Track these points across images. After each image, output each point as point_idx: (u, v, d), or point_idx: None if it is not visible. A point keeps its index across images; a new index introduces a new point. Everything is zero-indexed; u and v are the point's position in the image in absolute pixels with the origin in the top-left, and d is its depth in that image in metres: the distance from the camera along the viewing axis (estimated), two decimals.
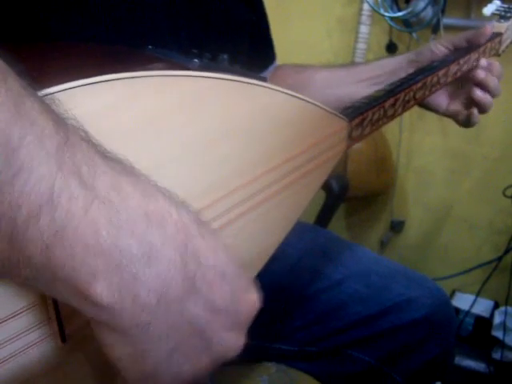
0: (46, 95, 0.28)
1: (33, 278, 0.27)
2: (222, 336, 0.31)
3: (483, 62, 0.77)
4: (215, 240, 0.31)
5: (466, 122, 0.78)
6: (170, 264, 0.28)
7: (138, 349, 0.30)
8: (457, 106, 0.79)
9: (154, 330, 0.29)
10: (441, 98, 0.79)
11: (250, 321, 0.33)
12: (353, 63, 1.40)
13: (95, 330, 0.30)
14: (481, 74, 0.75)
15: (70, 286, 0.27)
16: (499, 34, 0.83)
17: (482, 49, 0.78)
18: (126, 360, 0.30)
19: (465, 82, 0.79)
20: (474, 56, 0.76)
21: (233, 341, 0.32)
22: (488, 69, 0.76)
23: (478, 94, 0.75)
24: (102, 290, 0.26)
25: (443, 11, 1.39)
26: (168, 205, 0.29)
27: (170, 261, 0.28)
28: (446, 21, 1.40)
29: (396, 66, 0.78)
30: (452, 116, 0.80)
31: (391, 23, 1.46)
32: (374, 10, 1.43)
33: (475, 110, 0.76)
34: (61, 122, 0.26)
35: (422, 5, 1.36)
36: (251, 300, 0.33)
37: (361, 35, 1.48)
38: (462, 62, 0.74)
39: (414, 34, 1.47)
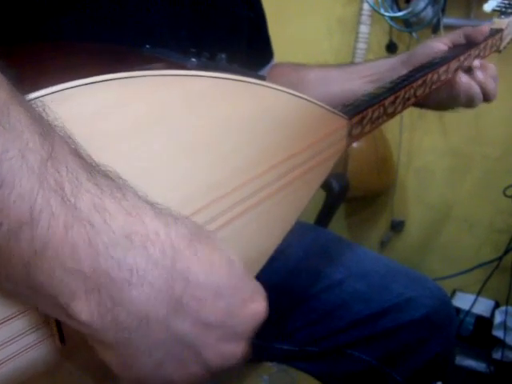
0: (36, 98, 0.28)
1: (15, 292, 0.27)
2: (215, 348, 0.31)
3: (476, 63, 0.76)
4: (212, 255, 0.30)
5: (468, 103, 0.76)
6: (153, 288, 0.27)
7: (125, 359, 0.30)
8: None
9: (138, 346, 0.29)
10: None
11: (252, 330, 0.33)
12: (348, 63, 1.40)
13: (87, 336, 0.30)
14: (480, 75, 0.75)
15: (50, 302, 0.27)
16: (500, 30, 0.83)
17: (482, 45, 0.77)
18: (116, 366, 0.31)
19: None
20: (474, 52, 0.76)
21: (231, 350, 0.32)
22: (482, 69, 0.76)
23: (462, 80, 0.73)
24: (82, 310, 0.26)
25: (443, 11, 1.39)
26: (155, 224, 0.28)
27: (152, 285, 0.27)
28: (446, 20, 1.40)
29: (390, 67, 0.77)
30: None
31: (391, 23, 1.45)
32: (375, 10, 1.43)
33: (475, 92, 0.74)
34: (47, 134, 0.26)
35: (422, 5, 1.36)
36: (254, 310, 0.32)
37: (361, 35, 1.48)
38: (462, 58, 0.74)
39: (415, 34, 1.47)
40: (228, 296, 0.31)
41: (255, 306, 0.32)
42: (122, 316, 0.27)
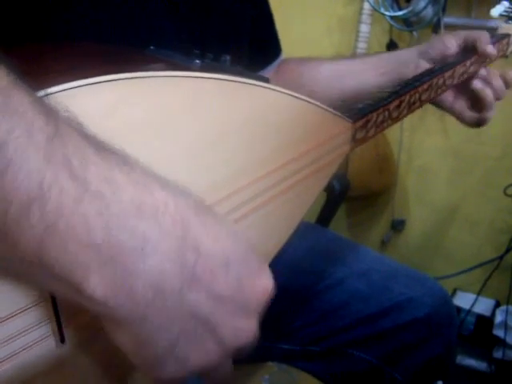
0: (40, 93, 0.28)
1: (27, 273, 0.27)
2: (229, 323, 0.31)
3: (483, 71, 0.76)
4: (218, 226, 0.30)
5: (476, 123, 0.78)
6: (166, 257, 0.27)
7: (139, 338, 0.29)
8: (461, 105, 0.79)
9: (153, 322, 0.28)
10: (446, 95, 0.79)
11: (261, 306, 0.32)
12: (358, 55, 1.39)
13: (99, 317, 0.29)
14: (483, 71, 0.75)
15: (63, 281, 0.26)
16: (507, 36, 0.83)
17: None
18: (129, 347, 0.30)
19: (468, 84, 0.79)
20: (481, 58, 0.75)
21: (244, 327, 0.32)
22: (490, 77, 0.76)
23: (478, 84, 0.75)
24: (96, 285, 0.26)
25: (444, 10, 1.39)
26: (164, 195, 0.28)
27: (165, 253, 0.27)
28: (446, 20, 1.40)
29: (405, 58, 0.77)
30: (456, 114, 0.80)
31: (392, 22, 1.46)
32: (375, 9, 1.43)
33: (487, 113, 0.76)
34: (51, 114, 0.26)
35: (422, 4, 1.36)
36: (262, 285, 0.32)
37: (361, 34, 1.48)
38: (468, 63, 0.73)
39: (415, 33, 1.47)
40: (237, 268, 0.31)
41: (263, 281, 0.32)
42: (137, 288, 0.27)
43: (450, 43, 0.75)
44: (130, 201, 0.27)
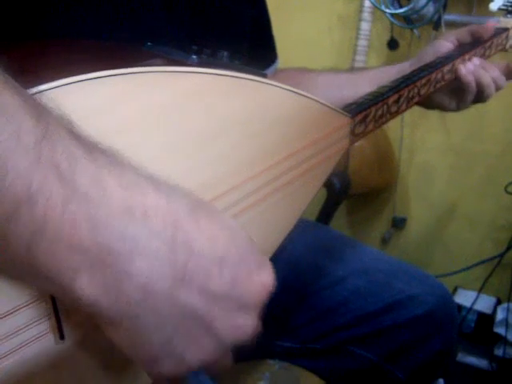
0: (35, 93, 0.28)
1: (19, 275, 0.28)
2: (225, 320, 0.31)
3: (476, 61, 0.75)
4: (215, 224, 0.31)
5: (479, 98, 0.76)
6: (155, 258, 0.27)
7: (133, 336, 0.29)
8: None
9: (145, 320, 0.29)
10: (442, 96, 0.79)
11: (260, 302, 0.33)
12: (357, 68, 1.40)
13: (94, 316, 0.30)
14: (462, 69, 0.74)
15: (54, 283, 0.27)
16: (506, 30, 0.83)
17: (487, 44, 0.77)
18: (126, 345, 0.30)
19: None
20: (480, 51, 0.76)
21: (241, 323, 0.32)
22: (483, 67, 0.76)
23: (462, 70, 0.73)
24: (85, 287, 0.26)
25: (444, 7, 1.39)
26: (156, 196, 0.28)
27: (154, 255, 0.27)
28: (447, 17, 1.40)
29: (400, 69, 0.77)
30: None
31: (392, 20, 1.45)
32: (376, 7, 1.43)
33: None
34: (41, 114, 0.25)
35: (423, 1, 1.35)
36: (260, 282, 0.32)
37: (362, 32, 1.48)
38: (467, 57, 0.73)
39: (416, 31, 1.47)
40: (233, 265, 0.31)
41: (262, 277, 0.32)
42: (126, 290, 0.27)
43: (443, 43, 0.76)
44: (118, 204, 0.27)
